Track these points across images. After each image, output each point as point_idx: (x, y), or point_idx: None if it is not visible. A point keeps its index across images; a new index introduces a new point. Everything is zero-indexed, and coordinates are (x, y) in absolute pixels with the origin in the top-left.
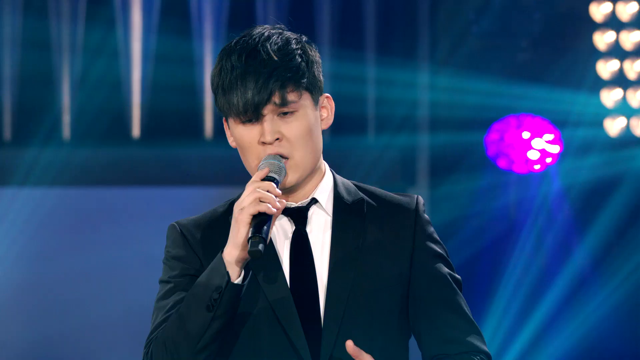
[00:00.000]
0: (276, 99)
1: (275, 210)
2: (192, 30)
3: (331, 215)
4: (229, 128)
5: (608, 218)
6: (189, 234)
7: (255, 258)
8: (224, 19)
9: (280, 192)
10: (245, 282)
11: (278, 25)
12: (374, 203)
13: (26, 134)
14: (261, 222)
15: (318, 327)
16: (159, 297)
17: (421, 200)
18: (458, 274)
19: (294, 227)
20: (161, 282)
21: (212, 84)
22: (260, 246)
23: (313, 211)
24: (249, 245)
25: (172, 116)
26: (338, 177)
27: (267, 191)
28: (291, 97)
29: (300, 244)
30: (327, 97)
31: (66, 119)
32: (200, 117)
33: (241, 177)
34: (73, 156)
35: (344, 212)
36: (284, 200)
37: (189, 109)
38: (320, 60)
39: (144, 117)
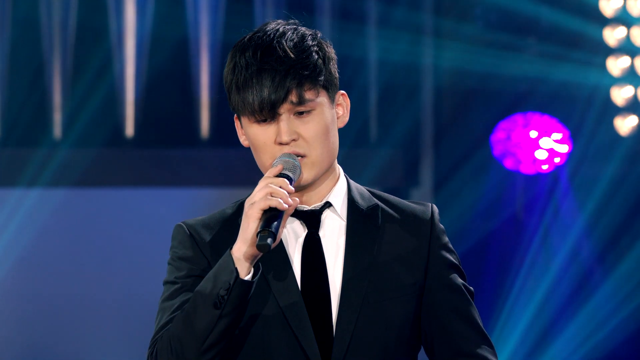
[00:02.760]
0: (293, 97)
1: (286, 206)
2: (188, 25)
3: (345, 220)
4: (241, 127)
5: (618, 219)
6: (197, 234)
7: (263, 252)
8: (221, 11)
9: (292, 189)
10: (255, 280)
11: (292, 21)
12: (388, 210)
13: (16, 133)
14: (272, 217)
15: (330, 335)
16: (164, 297)
17: (436, 209)
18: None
19: (306, 231)
20: (166, 283)
21: (225, 82)
22: (269, 240)
23: (326, 215)
24: (257, 240)
25: (167, 115)
26: (352, 182)
27: (280, 187)
28: (308, 95)
29: (313, 249)
30: (342, 94)
31: (57, 117)
32: (196, 115)
33: (239, 178)
34: (64, 156)
35: (359, 217)
36: (297, 198)
37: (185, 107)
38: (335, 57)
39: (138, 116)
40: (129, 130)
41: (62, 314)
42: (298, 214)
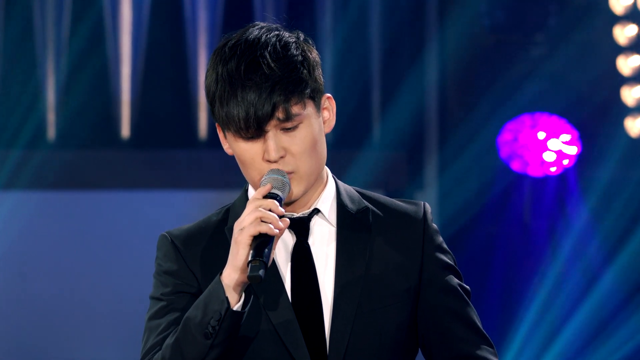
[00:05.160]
0: (280, 114)
1: (277, 231)
2: (185, 22)
3: (335, 225)
4: (225, 137)
5: (628, 223)
6: (182, 245)
7: (254, 283)
8: (219, 9)
9: (283, 210)
10: (247, 309)
11: (274, 25)
12: (379, 212)
13: (8, 133)
14: (262, 243)
15: (324, 348)
16: (150, 315)
17: (429, 208)
18: (469, 285)
19: (295, 239)
20: (152, 298)
21: (208, 93)
22: (261, 271)
23: (315, 222)
24: (248, 270)
25: (164, 115)
26: (340, 183)
27: (270, 210)
28: (295, 110)
29: (302, 258)
30: (328, 97)
31: (51, 117)
32: (194, 116)
33: (237, 180)
34: (58, 157)
35: (349, 222)
36: (287, 219)
37: (182, 108)
38: (319, 60)
39: (134, 116)
40: (125, 131)
41: (58, 317)
42: None
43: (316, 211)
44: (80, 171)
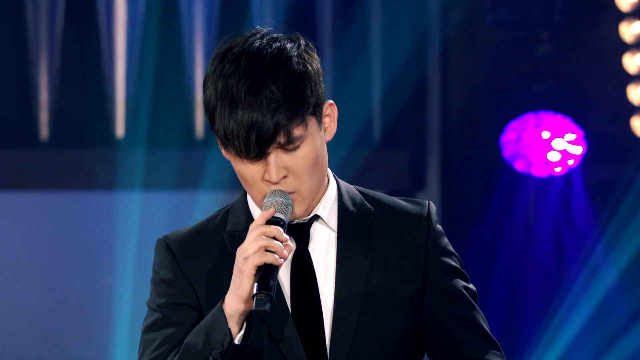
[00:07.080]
0: (281, 138)
1: (282, 261)
2: (181, 20)
3: (335, 230)
4: (224, 149)
5: (635, 225)
6: (179, 251)
7: (260, 317)
8: (216, 4)
9: (287, 237)
10: (248, 342)
11: (276, 35)
12: (381, 213)
13: (1, 133)
14: (267, 273)
15: (325, 359)
16: (146, 326)
17: (433, 208)
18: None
19: (294, 247)
20: (149, 307)
21: (207, 106)
22: (267, 305)
23: (315, 227)
24: (254, 303)
25: (160, 114)
26: (342, 184)
27: (274, 237)
28: (297, 132)
29: (302, 266)
30: (330, 104)
31: (44, 117)
32: (191, 115)
33: (236, 181)
34: (51, 158)
35: (350, 226)
36: (291, 245)
37: (178, 107)
38: (320, 67)
39: (129, 116)
40: (120, 130)
41: (54, 318)
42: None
43: (316, 217)
44: (74, 172)
